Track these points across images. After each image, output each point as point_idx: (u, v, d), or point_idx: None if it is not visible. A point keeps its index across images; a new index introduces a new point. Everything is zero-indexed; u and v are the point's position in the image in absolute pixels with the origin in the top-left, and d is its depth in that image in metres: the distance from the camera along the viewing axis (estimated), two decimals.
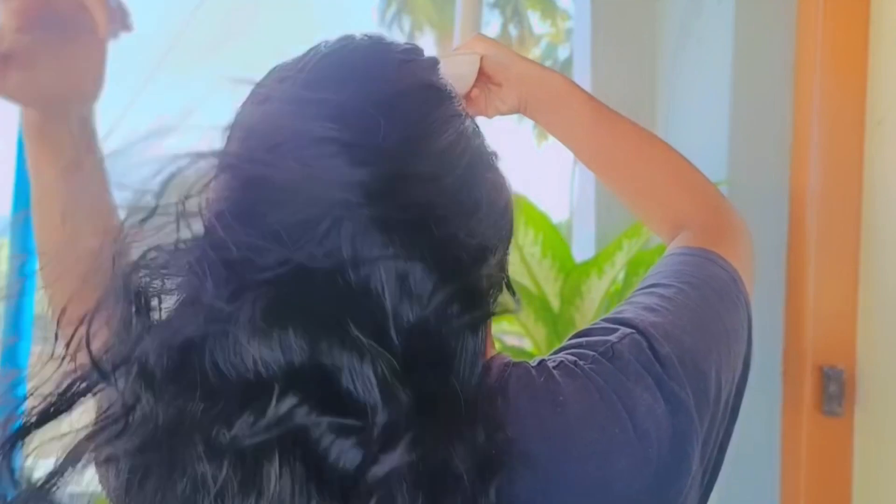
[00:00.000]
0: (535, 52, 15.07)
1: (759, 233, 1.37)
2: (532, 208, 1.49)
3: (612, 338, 0.48)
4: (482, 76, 0.68)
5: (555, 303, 1.51)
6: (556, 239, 1.51)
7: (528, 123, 15.65)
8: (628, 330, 0.49)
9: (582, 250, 1.71)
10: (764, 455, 1.35)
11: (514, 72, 0.69)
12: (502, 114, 0.71)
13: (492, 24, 14.29)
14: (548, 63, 15.16)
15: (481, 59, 0.67)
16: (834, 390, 1.27)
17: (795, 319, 1.34)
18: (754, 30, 1.39)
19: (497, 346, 0.55)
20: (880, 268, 1.26)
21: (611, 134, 0.73)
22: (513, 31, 14.50)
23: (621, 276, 1.49)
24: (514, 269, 1.51)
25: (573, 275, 1.48)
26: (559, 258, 1.51)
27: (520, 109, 0.71)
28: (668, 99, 1.67)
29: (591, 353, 0.47)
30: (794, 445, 1.32)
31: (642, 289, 0.56)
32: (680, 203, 0.69)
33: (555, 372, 0.46)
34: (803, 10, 1.36)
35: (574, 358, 0.47)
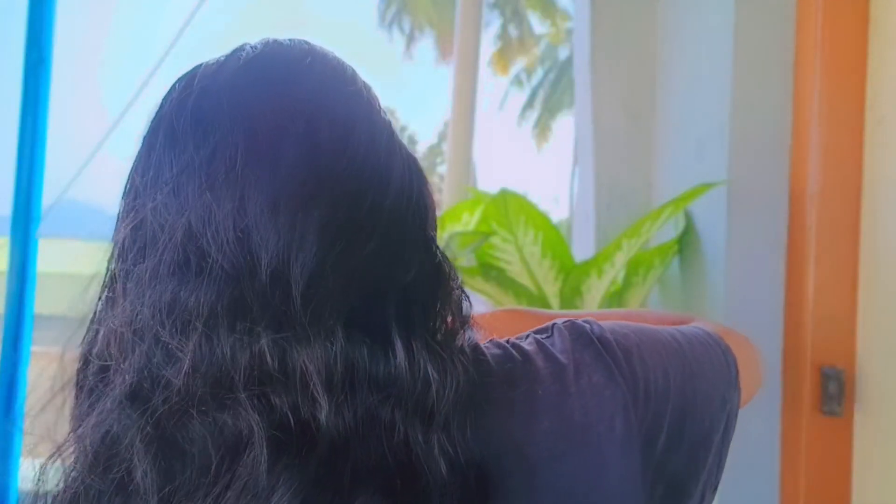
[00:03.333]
0: (534, 52, 15.07)
1: (759, 233, 1.37)
2: (532, 208, 1.49)
3: (550, 322, 0.53)
4: None
5: (554, 303, 1.51)
6: (555, 239, 1.51)
7: (529, 123, 15.67)
8: (571, 320, 0.53)
9: (582, 250, 1.71)
10: (763, 455, 1.35)
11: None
12: None
13: (492, 25, 14.29)
14: (547, 63, 15.15)
15: None
16: (833, 390, 1.27)
17: (795, 319, 1.34)
18: (754, 30, 1.39)
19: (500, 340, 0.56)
20: (880, 268, 1.26)
21: None
22: (513, 31, 14.50)
23: (621, 276, 1.49)
24: (515, 269, 1.52)
25: (573, 275, 1.48)
26: (559, 258, 1.51)
27: None
28: (667, 99, 1.67)
29: (530, 334, 0.53)
30: (793, 445, 1.32)
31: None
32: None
33: (486, 346, 0.51)
34: (803, 9, 1.36)
35: (515, 340, 0.52)
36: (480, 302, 1.62)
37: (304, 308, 0.42)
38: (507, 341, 0.52)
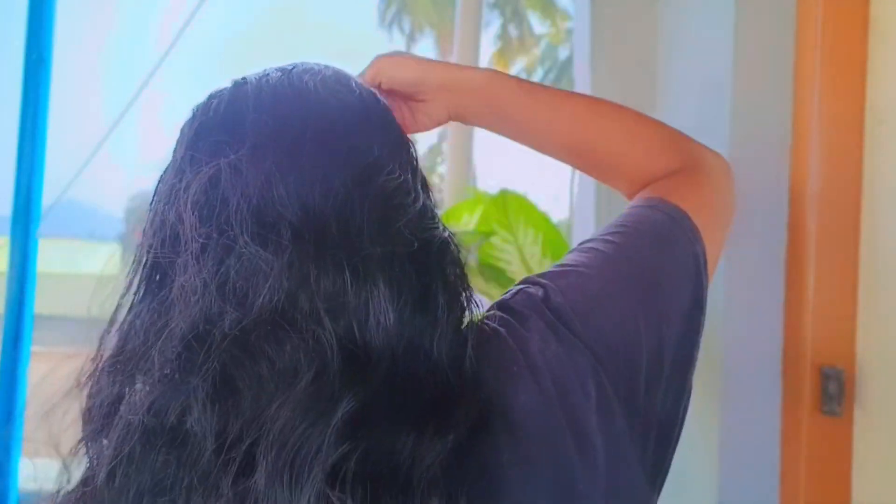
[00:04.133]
0: (534, 52, 15.07)
1: (759, 233, 1.37)
2: (532, 208, 1.49)
3: (507, 295, 0.57)
4: (397, 98, 0.68)
5: None
6: (555, 238, 1.51)
7: None
8: (524, 286, 0.57)
9: None
10: (763, 455, 1.36)
11: (431, 84, 0.68)
12: (431, 127, 0.72)
13: (492, 25, 14.29)
14: (547, 63, 15.16)
15: (380, 85, 0.67)
16: (833, 390, 1.27)
17: (795, 319, 1.34)
18: (754, 31, 1.39)
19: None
20: (880, 268, 1.26)
21: (551, 115, 0.71)
22: (513, 31, 14.50)
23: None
24: (515, 269, 1.52)
25: None
26: (559, 257, 1.51)
27: (451, 118, 0.71)
28: (667, 99, 1.67)
29: (492, 311, 0.56)
30: (793, 445, 1.32)
31: (578, 245, 0.62)
32: (637, 162, 0.70)
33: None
34: (803, 10, 1.36)
35: (485, 319, 0.56)
36: (480, 302, 1.62)
37: (365, 245, 0.48)
38: (479, 322, 0.55)
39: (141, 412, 0.47)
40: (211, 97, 0.57)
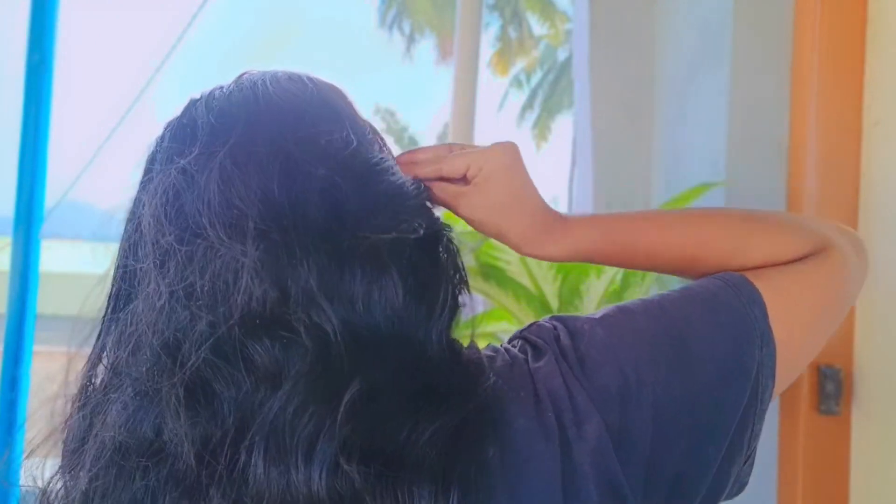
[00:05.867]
0: (534, 54, 15.07)
1: None
2: None
3: (532, 326, 0.56)
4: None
5: (554, 302, 1.51)
6: None
7: (528, 123, 15.67)
8: (550, 321, 0.55)
9: None
10: (761, 454, 1.35)
11: (517, 203, 0.59)
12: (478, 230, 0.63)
13: (491, 26, 14.30)
14: (546, 64, 15.16)
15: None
16: (831, 389, 1.27)
17: None
18: (752, 32, 1.40)
19: (497, 344, 0.58)
20: (877, 267, 1.26)
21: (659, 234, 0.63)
22: (512, 32, 14.50)
23: (619, 276, 1.50)
24: (514, 269, 1.52)
25: (572, 275, 1.49)
26: None
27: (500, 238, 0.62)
28: (666, 100, 1.67)
29: (516, 339, 0.56)
30: (791, 444, 1.33)
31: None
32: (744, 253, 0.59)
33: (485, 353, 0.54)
34: (801, 11, 1.37)
35: (507, 344, 0.56)
36: (480, 302, 1.63)
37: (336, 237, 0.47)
38: (502, 345, 0.55)
39: (114, 431, 0.46)
40: (187, 107, 0.56)
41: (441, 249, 0.52)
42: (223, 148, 0.49)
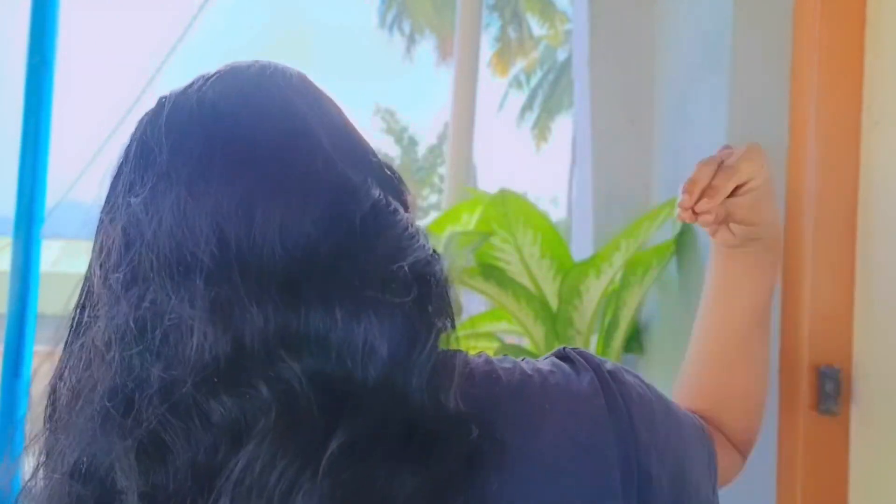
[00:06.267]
0: (533, 54, 15.08)
1: None
2: (531, 208, 1.50)
3: (562, 348, 0.55)
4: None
5: (553, 302, 1.52)
6: (554, 239, 1.52)
7: (528, 124, 15.66)
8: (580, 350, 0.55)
9: (580, 250, 1.72)
10: (760, 454, 1.36)
11: (765, 218, 0.65)
12: (725, 244, 0.70)
13: (491, 27, 14.30)
14: (546, 65, 15.16)
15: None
16: (830, 389, 1.27)
17: (791, 318, 1.34)
18: (751, 32, 1.40)
19: (496, 345, 0.58)
20: (876, 267, 1.26)
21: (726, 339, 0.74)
22: (512, 33, 14.50)
23: (619, 276, 1.50)
24: (514, 269, 1.52)
25: (571, 274, 1.49)
26: (558, 258, 1.52)
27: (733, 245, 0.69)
28: (665, 100, 1.68)
29: (549, 355, 0.54)
30: (790, 444, 1.33)
31: None
32: (736, 419, 0.72)
33: (498, 359, 0.53)
34: (800, 11, 1.37)
35: (532, 360, 0.54)
36: (480, 302, 1.63)
37: (297, 277, 0.43)
38: (522, 359, 0.54)
39: (62, 470, 0.44)
40: (140, 120, 0.52)
41: (429, 285, 0.47)
42: (177, 178, 0.45)
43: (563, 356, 0.54)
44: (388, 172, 0.52)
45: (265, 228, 0.44)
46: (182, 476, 0.42)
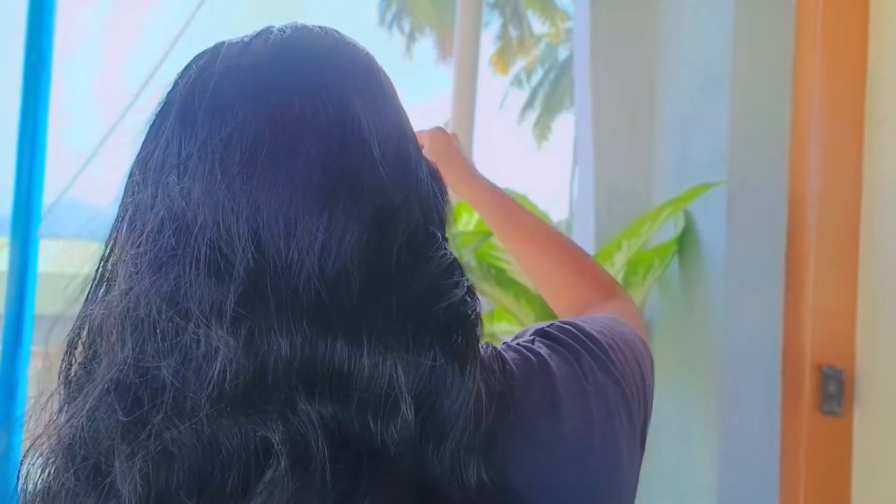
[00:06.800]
0: (534, 52, 15.08)
1: (759, 233, 1.37)
2: (532, 208, 1.49)
3: (540, 325, 0.55)
4: None
5: None
6: None
7: (529, 122, 15.67)
8: (560, 322, 0.55)
9: None
10: (763, 454, 1.36)
11: (449, 176, 0.68)
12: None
13: (492, 25, 14.30)
14: (547, 63, 15.15)
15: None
16: (833, 390, 1.27)
17: (795, 319, 1.34)
18: (754, 30, 1.39)
19: (496, 344, 0.57)
20: (879, 268, 1.26)
21: (511, 235, 0.83)
22: (513, 31, 14.50)
23: (620, 276, 1.49)
24: (514, 269, 1.52)
25: None
26: None
27: None
28: (667, 99, 1.67)
29: (534, 337, 0.53)
30: (793, 445, 1.32)
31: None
32: (577, 289, 0.75)
33: (502, 348, 0.52)
34: (803, 10, 1.36)
35: (524, 342, 0.53)
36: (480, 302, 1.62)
37: (329, 308, 0.40)
38: (519, 344, 0.52)
39: (60, 447, 0.41)
40: (188, 64, 0.48)
41: (461, 331, 0.43)
42: (219, 159, 0.41)
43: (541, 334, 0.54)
44: (434, 186, 0.47)
45: (304, 247, 0.40)
46: (180, 482, 0.39)
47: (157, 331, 0.40)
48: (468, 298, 0.45)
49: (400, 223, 0.43)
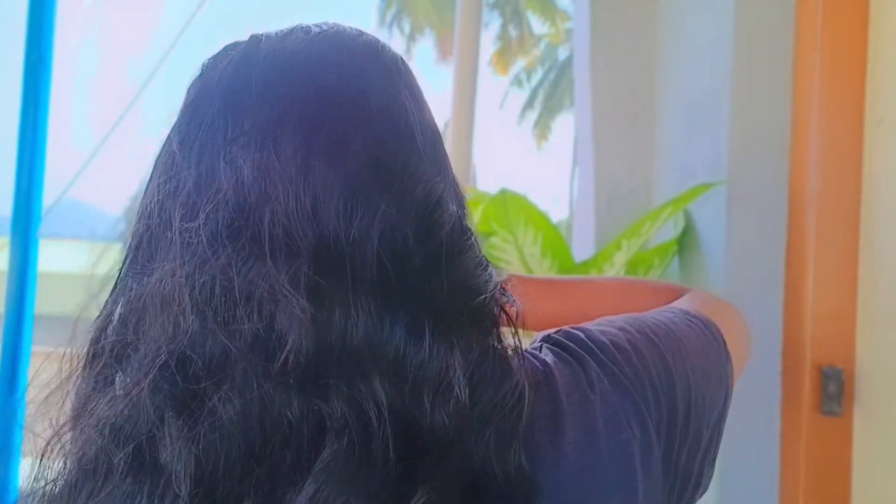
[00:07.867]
0: (534, 53, 15.08)
1: (759, 233, 1.37)
2: (532, 208, 1.49)
3: (545, 333, 0.53)
4: None
5: None
6: (555, 238, 1.51)
7: (529, 123, 15.67)
8: (567, 328, 0.53)
9: (581, 250, 1.71)
10: (763, 455, 1.36)
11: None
12: None
13: (492, 25, 14.30)
14: (547, 63, 15.15)
15: None
16: (833, 390, 1.27)
17: (794, 319, 1.34)
18: (754, 30, 1.39)
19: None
20: (879, 268, 1.26)
21: (571, 290, 0.77)
22: (512, 31, 14.50)
23: (620, 276, 1.49)
24: (515, 269, 1.52)
25: (572, 274, 1.49)
26: (559, 258, 1.51)
27: None
28: (667, 99, 1.67)
29: (541, 343, 0.51)
30: (793, 445, 1.32)
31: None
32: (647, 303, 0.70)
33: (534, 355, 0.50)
34: (802, 10, 1.36)
35: (530, 349, 0.51)
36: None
37: (395, 287, 0.40)
38: (526, 350, 0.51)
39: (100, 428, 0.40)
40: (224, 51, 0.48)
41: (496, 323, 0.44)
42: (275, 140, 0.41)
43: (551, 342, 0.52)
44: (459, 187, 0.49)
45: (366, 226, 0.40)
46: (237, 471, 0.38)
47: (224, 303, 0.39)
48: (500, 292, 0.45)
49: (445, 211, 0.44)
